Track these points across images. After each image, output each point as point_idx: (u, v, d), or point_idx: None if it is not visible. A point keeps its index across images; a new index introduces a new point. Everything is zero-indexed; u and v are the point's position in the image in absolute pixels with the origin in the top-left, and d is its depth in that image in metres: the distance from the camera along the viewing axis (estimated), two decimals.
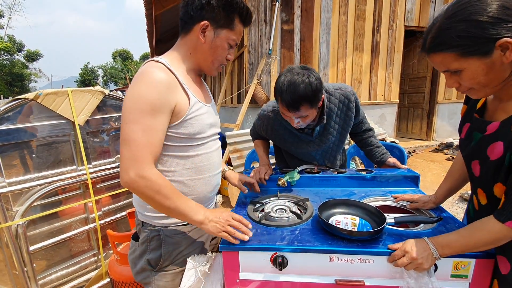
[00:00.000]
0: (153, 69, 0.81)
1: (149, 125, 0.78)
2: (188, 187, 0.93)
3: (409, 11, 5.15)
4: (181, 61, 0.91)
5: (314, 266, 0.84)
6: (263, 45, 4.23)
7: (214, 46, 0.89)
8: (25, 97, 1.48)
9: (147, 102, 0.77)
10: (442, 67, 0.70)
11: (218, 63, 0.94)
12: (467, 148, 0.82)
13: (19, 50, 25.75)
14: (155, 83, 0.79)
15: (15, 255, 1.50)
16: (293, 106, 1.10)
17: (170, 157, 0.89)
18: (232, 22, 0.88)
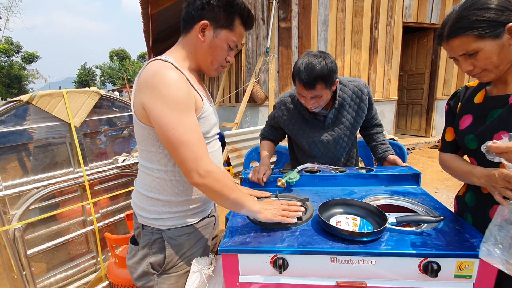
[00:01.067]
0: (167, 69, 0.80)
1: (192, 123, 0.81)
2: (191, 187, 0.93)
3: (407, 7, 5.13)
4: (184, 61, 0.91)
5: (315, 268, 0.82)
6: (261, 43, 4.20)
7: (213, 46, 0.88)
8: (19, 99, 1.46)
9: (181, 102, 0.79)
10: (460, 51, 0.80)
11: (217, 63, 0.93)
12: (480, 129, 0.87)
13: (16, 51, 25.64)
14: (178, 82, 0.79)
15: (13, 258, 1.49)
16: (309, 84, 1.19)
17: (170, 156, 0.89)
18: (232, 23, 0.88)
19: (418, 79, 6.10)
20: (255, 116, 4.34)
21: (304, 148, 1.54)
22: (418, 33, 5.84)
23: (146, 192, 0.93)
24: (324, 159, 1.53)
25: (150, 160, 0.90)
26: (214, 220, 1.08)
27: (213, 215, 1.08)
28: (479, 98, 0.94)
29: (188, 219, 0.97)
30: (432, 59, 5.74)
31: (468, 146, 0.93)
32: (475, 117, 0.91)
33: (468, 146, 0.93)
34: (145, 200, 0.94)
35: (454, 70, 5.86)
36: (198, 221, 0.99)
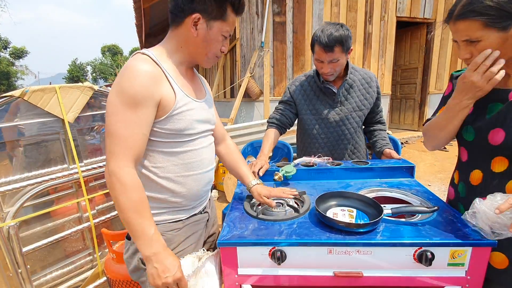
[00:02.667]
0: (137, 61, 0.79)
1: (130, 119, 0.76)
2: (176, 184, 0.90)
3: (400, 1, 5.14)
4: (171, 54, 0.89)
5: (313, 259, 0.84)
6: (255, 37, 4.18)
7: (208, 39, 0.86)
8: (11, 94, 1.43)
9: (128, 95, 0.76)
10: (464, 35, 0.78)
11: (212, 55, 0.91)
12: (480, 122, 0.87)
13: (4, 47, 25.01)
14: (138, 75, 0.77)
15: (8, 256, 1.47)
16: (329, 47, 1.28)
17: (158, 153, 0.87)
18: (224, 13, 0.85)
19: (411, 73, 6.15)
20: (250, 111, 4.33)
21: (312, 130, 1.56)
22: (412, 28, 5.87)
23: None
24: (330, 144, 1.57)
25: None
26: (207, 216, 1.06)
27: (207, 211, 1.07)
28: None
29: (177, 215, 0.94)
30: (425, 54, 5.79)
31: (464, 137, 0.92)
32: (475, 107, 0.89)
33: (464, 136, 0.92)
34: None
35: (447, 64, 5.92)
36: (188, 217, 0.97)
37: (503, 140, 0.80)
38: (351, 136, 1.56)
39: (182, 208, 0.95)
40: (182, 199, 0.93)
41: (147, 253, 0.77)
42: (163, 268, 0.77)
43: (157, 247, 0.78)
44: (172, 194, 0.91)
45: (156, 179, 0.88)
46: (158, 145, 0.86)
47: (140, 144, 0.79)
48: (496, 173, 0.84)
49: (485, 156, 0.87)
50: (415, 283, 0.82)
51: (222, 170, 3.65)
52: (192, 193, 0.95)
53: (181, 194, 0.92)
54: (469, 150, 0.94)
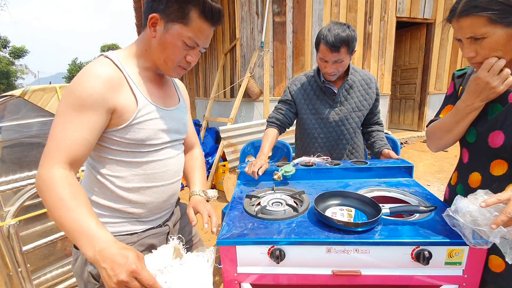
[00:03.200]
0: (96, 64, 0.75)
1: (72, 121, 0.70)
2: (136, 195, 0.85)
3: (400, 2, 5.15)
4: (137, 58, 0.83)
5: (311, 258, 0.84)
6: (255, 37, 4.18)
7: (164, 42, 0.78)
8: (11, 94, 1.43)
9: (75, 97, 0.71)
10: (468, 32, 0.75)
11: (171, 63, 0.81)
12: (481, 123, 0.85)
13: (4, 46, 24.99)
14: (91, 78, 0.72)
15: (8, 255, 1.48)
16: (335, 47, 1.28)
17: (117, 162, 0.81)
18: (186, 16, 0.75)
19: (411, 74, 6.16)
20: (250, 111, 4.34)
21: (311, 130, 1.57)
22: (411, 28, 5.88)
23: (87, 192, 0.85)
24: (329, 144, 1.58)
25: (94, 161, 0.83)
26: (167, 229, 0.98)
27: (167, 224, 0.98)
28: None
29: (132, 227, 0.87)
30: (424, 54, 5.80)
31: (466, 138, 0.91)
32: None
33: (466, 138, 0.91)
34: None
35: (446, 65, 5.92)
36: (144, 230, 0.90)
37: (502, 143, 0.79)
38: (350, 136, 1.57)
39: (139, 219, 0.89)
40: (141, 210, 0.87)
41: (91, 254, 0.61)
42: (112, 264, 0.60)
43: (101, 243, 0.62)
44: (130, 205, 0.85)
45: (113, 188, 0.82)
46: (118, 154, 0.81)
47: (78, 148, 0.71)
48: (495, 176, 0.83)
49: (484, 158, 0.86)
50: (412, 281, 0.83)
51: (222, 170, 3.65)
52: (153, 206, 0.89)
53: (140, 206, 0.86)
54: (470, 152, 0.92)
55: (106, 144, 0.79)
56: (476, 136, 0.87)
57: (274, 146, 1.64)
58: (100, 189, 0.83)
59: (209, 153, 4.35)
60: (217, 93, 4.99)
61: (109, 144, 0.79)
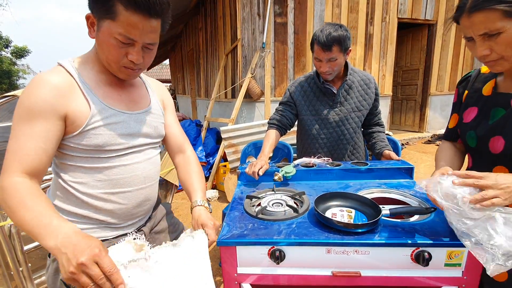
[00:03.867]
0: (46, 73, 0.74)
1: (23, 132, 0.70)
2: (100, 201, 0.82)
3: (401, 3, 5.14)
4: (93, 62, 0.82)
5: (311, 259, 0.85)
6: (257, 38, 4.19)
7: (99, 42, 0.75)
8: (13, 94, 1.44)
9: (24, 108, 0.71)
10: (482, 29, 0.69)
11: (114, 63, 0.77)
12: (482, 128, 0.83)
13: (5, 46, 25.08)
14: (38, 88, 0.71)
15: (9, 255, 1.48)
16: (327, 45, 1.32)
17: (78, 168, 0.80)
18: (110, 10, 0.68)
19: (412, 75, 6.15)
20: (251, 112, 4.34)
21: (312, 131, 1.58)
22: (413, 29, 5.88)
23: (52, 198, 0.84)
24: (330, 144, 1.59)
25: (58, 167, 0.83)
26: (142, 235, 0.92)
27: (142, 230, 0.95)
28: (487, 90, 0.87)
29: (101, 233, 0.85)
30: (426, 55, 5.79)
31: (468, 143, 0.89)
32: (480, 111, 0.86)
33: (468, 142, 0.89)
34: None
35: (448, 66, 5.91)
36: (115, 236, 0.87)
37: (502, 148, 0.77)
38: (351, 136, 1.58)
39: (109, 226, 0.86)
40: (107, 217, 0.85)
41: (53, 243, 0.58)
42: (74, 248, 0.57)
43: (63, 233, 0.60)
44: (95, 211, 0.83)
45: (76, 194, 0.80)
46: (77, 160, 0.79)
47: (34, 158, 0.70)
48: None
49: (486, 164, 0.84)
50: (412, 283, 0.83)
51: (223, 171, 3.66)
52: (121, 212, 0.86)
53: (106, 212, 0.84)
54: (472, 157, 0.91)
55: (65, 151, 0.78)
56: (477, 140, 0.85)
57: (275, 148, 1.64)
58: (64, 195, 0.82)
59: (210, 154, 4.36)
60: (218, 93, 5.00)
61: (67, 151, 0.78)
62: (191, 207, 0.93)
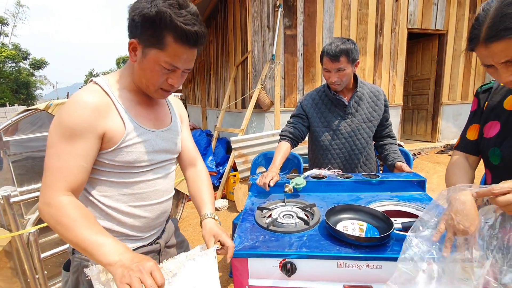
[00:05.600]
0: (84, 92, 0.78)
1: (65, 151, 0.73)
2: (124, 214, 0.86)
3: (411, 13, 5.16)
4: (126, 81, 0.86)
5: (323, 272, 0.85)
6: (267, 50, 4.26)
7: (143, 67, 0.79)
8: (36, 107, 1.52)
9: (65, 127, 0.73)
10: (503, 57, 0.67)
11: (153, 87, 0.82)
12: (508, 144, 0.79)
13: (24, 58, 26.17)
14: (79, 108, 0.74)
15: (26, 262, 1.53)
16: (335, 56, 1.39)
17: (105, 182, 0.83)
18: (161, 41, 0.75)
19: (423, 84, 6.10)
20: (261, 122, 4.38)
21: (324, 142, 1.60)
22: (423, 39, 5.86)
23: None
24: (342, 155, 1.60)
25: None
26: (158, 247, 0.97)
27: (158, 242, 0.97)
28: (509, 104, 0.83)
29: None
30: (437, 65, 5.75)
31: (490, 160, 0.85)
32: (503, 126, 0.82)
33: (490, 159, 0.85)
34: None
35: (460, 75, 5.85)
36: (136, 248, 0.90)
37: None
38: (363, 147, 1.59)
39: (129, 238, 0.90)
40: (128, 229, 0.88)
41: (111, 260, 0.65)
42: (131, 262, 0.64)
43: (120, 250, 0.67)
44: (117, 223, 0.86)
45: (102, 207, 0.84)
46: (106, 175, 0.83)
47: (77, 176, 0.74)
48: None
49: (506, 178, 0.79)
50: None
51: (233, 180, 3.68)
52: (142, 224, 0.90)
53: (127, 225, 0.87)
54: (493, 174, 0.87)
55: (96, 166, 0.81)
56: (501, 158, 0.81)
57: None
58: (90, 207, 0.84)
59: (220, 163, 4.39)
60: (228, 104, 5.07)
61: (99, 166, 0.81)
62: (201, 219, 0.95)
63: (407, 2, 5.08)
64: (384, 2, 4.89)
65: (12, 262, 1.55)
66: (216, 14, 6.38)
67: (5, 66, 23.97)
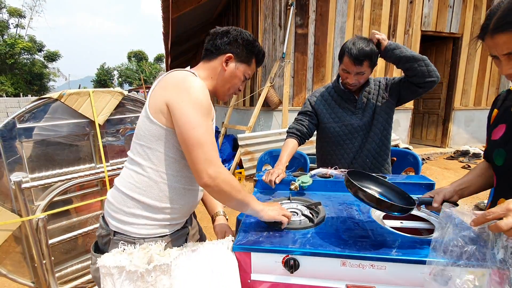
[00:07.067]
0: (196, 78, 0.90)
1: (210, 127, 0.88)
2: (179, 195, 0.94)
3: (426, 15, 5.07)
4: (204, 80, 0.99)
5: (326, 270, 0.84)
6: (277, 48, 4.25)
7: (234, 75, 1.02)
8: (49, 96, 1.55)
9: (204, 106, 0.87)
10: (505, 49, 0.70)
11: (232, 90, 1.06)
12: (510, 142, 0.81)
13: (39, 50, 26.70)
14: (204, 89, 0.89)
15: (34, 248, 1.56)
16: (358, 59, 1.35)
17: (175, 161, 0.92)
18: (250, 60, 1.04)
19: (436, 88, 5.98)
20: (269, 120, 4.38)
21: (336, 138, 1.58)
22: (437, 42, 5.76)
23: (129, 191, 0.91)
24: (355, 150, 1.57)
25: (146, 158, 0.91)
26: (187, 231, 1.05)
27: (187, 226, 1.06)
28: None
29: (163, 229, 0.94)
30: (450, 69, 5.64)
31: (494, 161, 0.85)
32: (508, 127, 0.84)
33: (495, 160, 0.85)
34: (125, 200, 0.91)
35: (473, 80, 5.72)
36: (171, 232, 0.96)
37: None
38: (375, 142, 1.56)
39: (170, 222, 0.95)
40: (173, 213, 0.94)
41: (260, 208, 0.94)
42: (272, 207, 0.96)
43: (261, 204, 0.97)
44: (169, 205, 0.93)
45: (160, 185, 0.91)
46: (179, 154, 0.92)
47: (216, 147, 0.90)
48: None
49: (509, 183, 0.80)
50: None
51: (238, 177, 3.69)
52: (186, 208, 0.99)
53: (177, 207, 0.95)
54: (497, 176, 0.87)
55: (176, 143, 0.91)
56: (505, 158, 0.82)
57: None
58: (147, 187, 0.91)
59: (226, 160, 4.41)
60: (236, 101, 5.08)
61: (177, 143, 0.90)
62: (215, 215, 1.17)
63: (421, 4, 5.00)
64: (398, 3, 4.82)
65: (20, 247, 1.58)
66: (227, 11, 6.38)
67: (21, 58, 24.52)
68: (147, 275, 0.69)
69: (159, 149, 0.90)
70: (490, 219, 0.65)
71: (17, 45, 23.16)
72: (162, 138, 0.90)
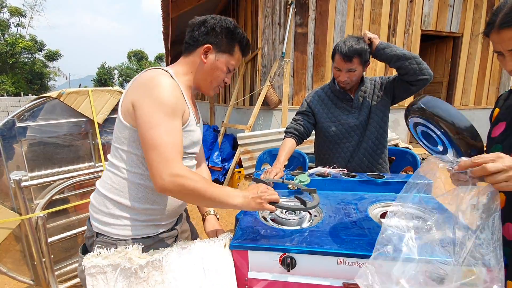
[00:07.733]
0: (164, 76, 0.85)
1: (172, 127, 0.82)
2: (159, 196, 0.92)
3: (426, 15, 5.06)
4: (182, 77, 0.96)
5: (322, 268, 0.85)
6: (277, 47, 4.25)
7: (214, 67, 0.95)
8: (49, 95, 1.55)
9: (168, 105, 0.81)
10: (510, 45, 0.71)
11: (216, 83, 1.00)
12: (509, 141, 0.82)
13: (40, 49, 26.69)
14: (171, 88, 0.83)
15: (34, 246, 1.57)
16: (348, 56, 1.38)
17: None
18: (232, 49, 0.97)
19: (436, 87, 5.98)
20: (268, 120, 4.38)
21: (332, 137, 1.59)
22: (437, 41, 5.75)
23: (108, 192, 0.90)
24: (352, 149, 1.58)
25: (121, 159, 0.89)
26: (175, 233, 1.02)
27: (175, 228, 1.03)
28: None
29: (147, 230, 0.92)
30: (450, 68, 5.63)
31: None
32: (508, 124, 0.85)
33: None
34: (104, 201, 0.90)
35: (474, 79, 5.72)
36: (157, 233, 0.94)
37: None
38: (372, 141, 1.57)
39: (154, 223, 0.94)
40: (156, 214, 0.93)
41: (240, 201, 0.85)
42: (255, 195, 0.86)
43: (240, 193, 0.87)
44: (151, 205, 0.91)
45: (138, 187, 0.89)
46: None
47: (182, 149, 0.85)
48: None
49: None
50: None
51: (237, 176, 3.69)
52: (170, 208, 0.95)
53: (157, 209, 0.92)
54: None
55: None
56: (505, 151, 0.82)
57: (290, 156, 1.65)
58: (126, 189, 0.89)
59: (226, 159, 4.41)
60: (236, 100, 5.08)
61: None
62: (205, 215, 1.12)
63: (421, 3, 4.98)
64: (398, 3, 4.82)
65: (20, 245, 1.59)
66: (227, 10, 6.38)
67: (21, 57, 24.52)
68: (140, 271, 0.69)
69: (132, 151, 0.88)
70: (479, 163, 0.65)
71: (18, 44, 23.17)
72: (134, 140, 0.87)
